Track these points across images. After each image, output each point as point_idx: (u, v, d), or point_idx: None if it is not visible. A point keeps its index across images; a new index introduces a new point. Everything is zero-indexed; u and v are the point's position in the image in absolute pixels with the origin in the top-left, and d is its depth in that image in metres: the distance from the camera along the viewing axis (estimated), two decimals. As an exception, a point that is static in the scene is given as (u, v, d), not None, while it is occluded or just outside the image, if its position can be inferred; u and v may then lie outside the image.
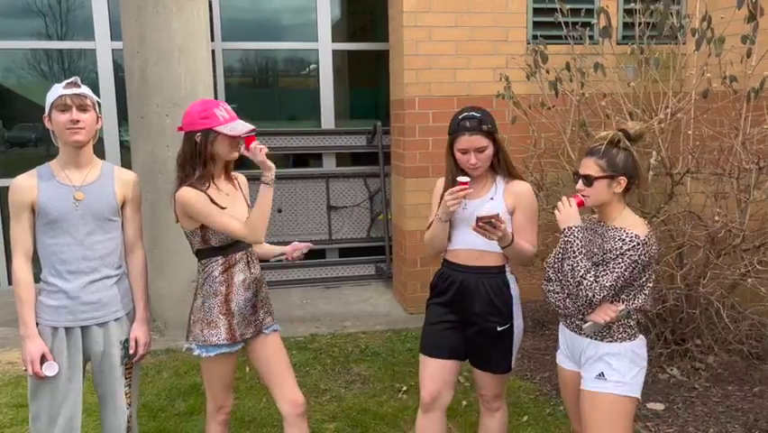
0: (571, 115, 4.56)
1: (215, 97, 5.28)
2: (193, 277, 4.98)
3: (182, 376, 4.16)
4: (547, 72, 4.45)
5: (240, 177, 2.65)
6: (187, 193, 2.38)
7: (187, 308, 4.85)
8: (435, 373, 2.63)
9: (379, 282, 6.34)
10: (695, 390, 3.83)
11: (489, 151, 2.48)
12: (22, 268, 2.36)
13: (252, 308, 2.56)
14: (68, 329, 2.39)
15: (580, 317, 2.34)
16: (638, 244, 2.22)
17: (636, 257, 2.22)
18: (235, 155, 2.47)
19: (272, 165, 2.36)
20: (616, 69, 4.38)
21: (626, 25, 5.36)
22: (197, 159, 2.41)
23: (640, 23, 4.21)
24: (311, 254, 6.51)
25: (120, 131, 6.08)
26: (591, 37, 4.64)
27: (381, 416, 3.64)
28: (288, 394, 2.60)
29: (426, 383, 2.64)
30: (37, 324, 2.37)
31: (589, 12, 5.05)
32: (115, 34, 5.82)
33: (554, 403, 3.77)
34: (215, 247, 2.48)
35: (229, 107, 2.46)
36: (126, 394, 2.51)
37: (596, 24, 4.56)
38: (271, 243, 2.85)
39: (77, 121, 2.32)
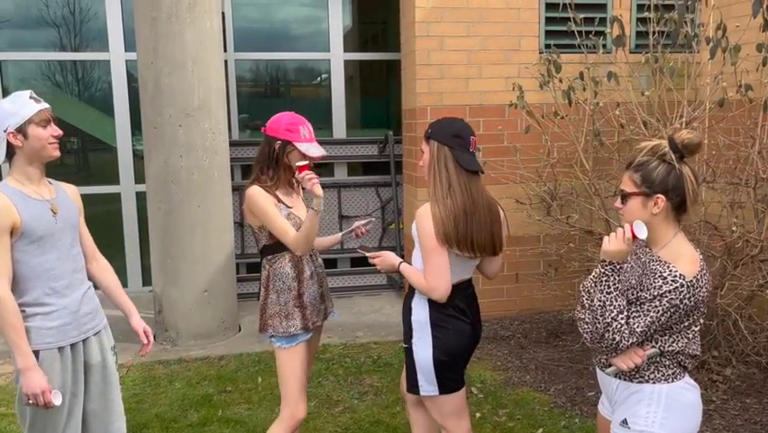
0: (585, 125, 4.53)
1: (228, 107, 5.30)
2: (206, 286, 5.00)
3: (194, 386, 4.15)
4: (560, 81, 4.44)
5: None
6: (256, 191, 2.59)
7: (200, 317, 4.90)
8: None
9: (390, 292, 6.32)
10: (713, 402, 3.77)
11: (426, 156, 2.50)
12: (9, 294, 2.19)
13: (321, 298, 2.78)
14: (72, 345, 2.35)
15: (605, 357, 2.06)
16: (681, 287, 1.88)
17: (678, 301, 1.89)
18: None
19: (321, 193, 2.50)
20: (629, 78, 4.35)
21: (639, 34, 5.33)
22: (273, 162, 2.65)
23: (654, 32, 4.19)
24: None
25: (133, 141, 6.12)
26: (605, 46, 4.62)
27: (394, 428, 3.61)
28: None
29: None
30: (37, 351, 2.25)
31: (603, 21, 5.03)
32: (129, 45, 5.87)
33: (569, 416, 3.72)
34: (283, 243, 2.64)
35: (311, 129, 2.69)
36: (123, 400, 2.55)
37: (609, 33, 4.54)
38: None
39: (59, 135, 2.31)
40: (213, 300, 4.95)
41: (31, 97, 2.28)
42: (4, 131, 2.24)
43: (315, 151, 2.65)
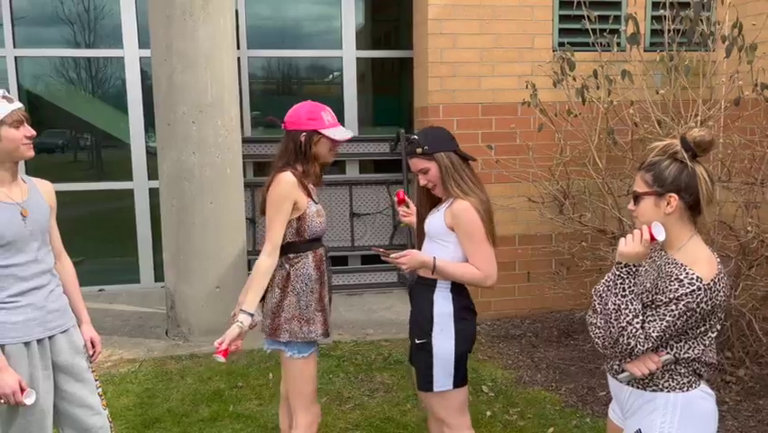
0: (598, 123, 4.51)
1: (240, 105, 5.31)
2: (218, 282, 5.02)
3: (206, 382, 4.17)
4: (574, 79, 4.41)
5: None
6: (289, 179, 2.45)
7: (212, 313, 4.92)
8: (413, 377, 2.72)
9: (401, 290, 6.31)
10: (726, 403, 3.75)
11: (434, 170, 2.46)
12: None
13: (330, 302, 2.67)
14: (39, 341, 2.32)
15: (617, 363, 2.00)
16: (698, 290, 1.82)
17: (695, 305, 1.83)
18: (331, 159, 2.60)
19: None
20: (644, 77, 4.32)
21: (654, 32, 5.30)
22: (301, 156, 2.52)
23: (669, 30, 4.16)
24: (333, 261, 6.55)
25: (146, 138, 6.15)
26: (619, 44, 4.59)
27: (404, 425, 3.62)
28: None
29: None
30: (2, 346, 2.23)
31: (617, 19, 5.00)
32: (143, 42, 5.91)
33: (580, 415, 3.71)
34: (309, 240, 2.56)
35: (332, 113, 2.58)
36: (101, 396, 2.51)
37: (623, 31, 4.51)
38: None
39: (32, 135, 2.27)
40: (224, 296, 4.96)
41: (3, 97, 2.23)
42: None
43: (342, 134, 2.54)
